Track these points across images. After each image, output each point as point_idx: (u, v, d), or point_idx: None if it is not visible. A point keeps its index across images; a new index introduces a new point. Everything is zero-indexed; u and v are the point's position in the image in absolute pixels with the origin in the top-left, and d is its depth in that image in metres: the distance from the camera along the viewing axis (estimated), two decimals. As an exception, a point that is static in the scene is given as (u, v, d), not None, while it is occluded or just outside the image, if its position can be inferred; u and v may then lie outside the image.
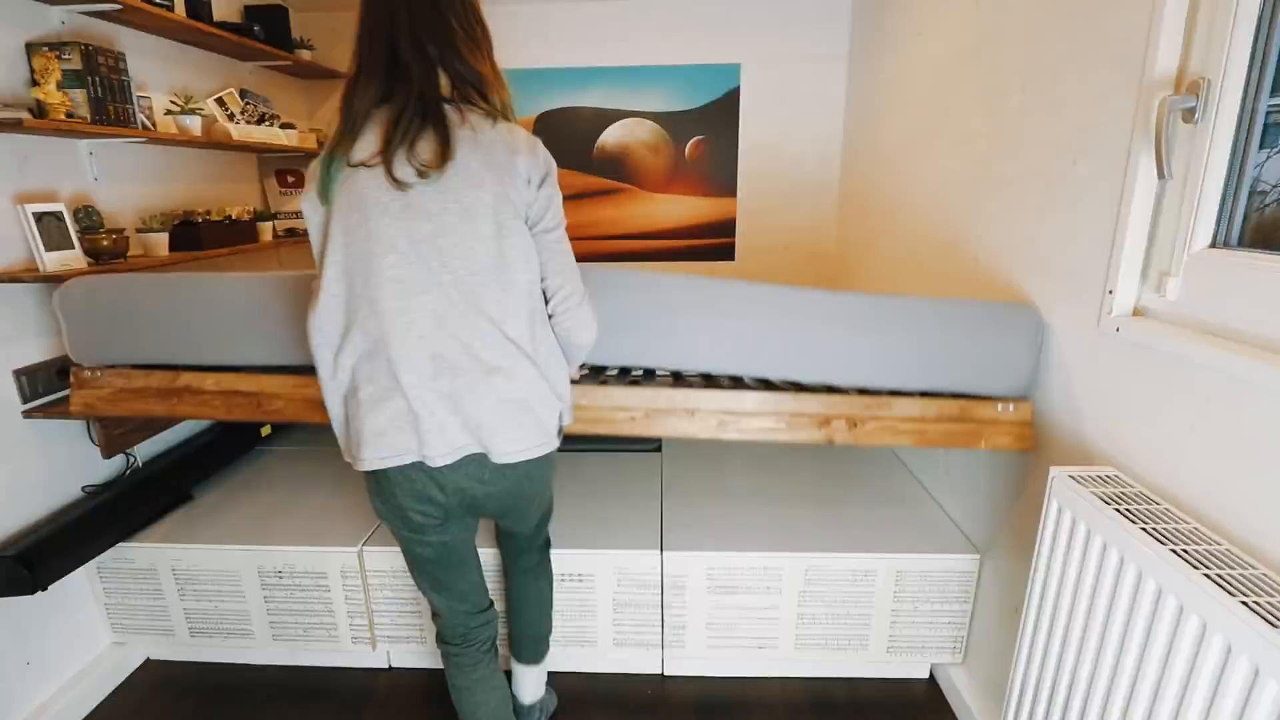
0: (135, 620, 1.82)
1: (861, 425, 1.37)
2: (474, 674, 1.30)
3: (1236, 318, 0.97)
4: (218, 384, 1.42)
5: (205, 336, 1.39)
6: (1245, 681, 0.75)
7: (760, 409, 1.38)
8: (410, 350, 1.01)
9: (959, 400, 1.37)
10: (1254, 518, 0.90)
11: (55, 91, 1.56)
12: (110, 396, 1.44)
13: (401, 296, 1.00)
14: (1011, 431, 1.38)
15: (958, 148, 1.76)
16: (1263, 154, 1.00)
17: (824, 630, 1.71)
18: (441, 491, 1.11)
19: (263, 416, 1.42)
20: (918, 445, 1.39)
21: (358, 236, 0.99)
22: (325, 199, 1.01)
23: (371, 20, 0.99)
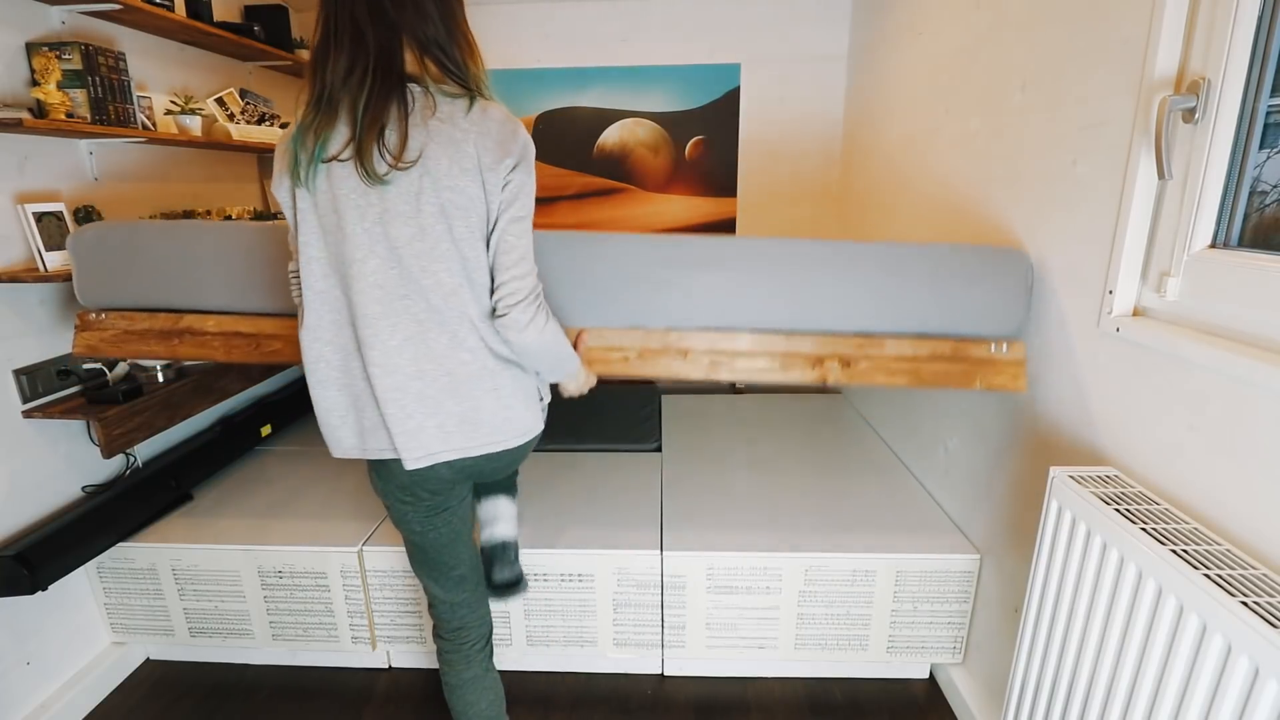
0: (135, 620, 1.82)
1: (854, 365, 1.37)
2: (466, 672, 1.30)
3: (1236, 318, 0.97)
4: (218, 325, 1.43)
5: (209, 280, 1.40)
6: (1245, 681, 0.75)
7: (753, 349, 1.38)
8: (390, 355, 1.01)
9: (951, 341, 1.37)
10: (1254, 518, 0.90)
11: (55, 91, 1.56)
12: (113, 338, 1.44)
13: (383, 301, 0.99)
14: (1006, 371, 1.37)
15: (958, 147, 1.76)
16: (1263, 154, 1.00)
17: (824, 630, 1.71)
18: (424, 483, 1.13)
19: (261, 358, 1.42)
20: (912, 386, 1.39)
21: (336, 239, 0.99)
22: (299, 180, 0.97)
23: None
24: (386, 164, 0.94)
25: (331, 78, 0.93)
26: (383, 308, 0.99)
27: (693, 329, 1.38)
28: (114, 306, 1.45)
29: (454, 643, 1.30)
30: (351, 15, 0.92)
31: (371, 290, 0.98)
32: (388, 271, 0.98)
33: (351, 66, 0.93)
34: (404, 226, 0.96)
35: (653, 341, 1.38)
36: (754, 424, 2.49)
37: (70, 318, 1.72)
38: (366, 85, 0.92)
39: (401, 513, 1.18)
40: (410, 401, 1.03)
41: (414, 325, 1.00)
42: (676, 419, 2.55)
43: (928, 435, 1.94)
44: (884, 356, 1.37)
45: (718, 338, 1.38)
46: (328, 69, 0.93)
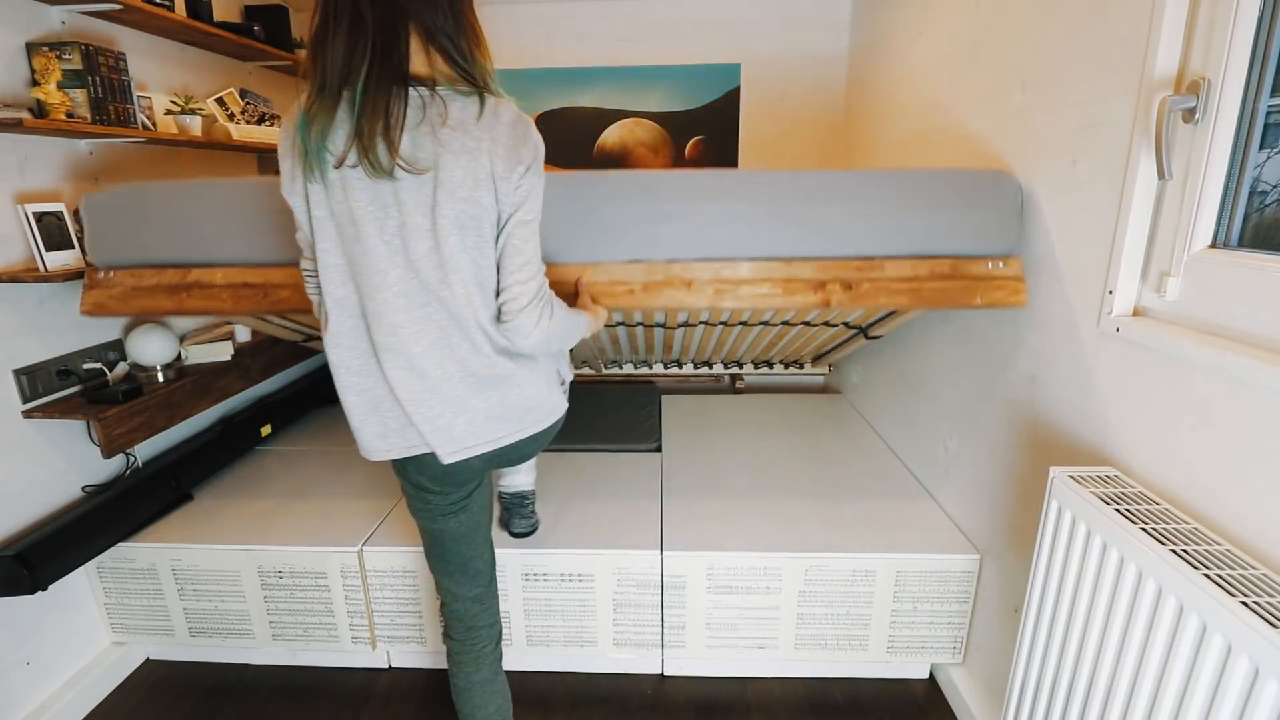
0: (135, 620, 1.82)
1: (856, 287, 1.40)
2: (475, 675, 1.30)
3: (1236, 318, 0.97)
4: (226, 277, 1.44)
5: (217, 234, 1.42)
6: (1245, 681, 0.75)
7: (755, 275, 1.40)
8: (416, 360, 1.02)
9: (950, 260, 1.41)
10: (1254, 517, 0.90)
11: (55, 91, 1.56)
12: (121, 295, 1.46)
13: (407, 309, 1.00)
14: (1005, 286, 1.40)
15: (958, 148, 1.76)
16: (1263, 154, 1.00)
17: (824, 630, 1.71)
18: (456, 474, 1.14)
19: (269, 307, 1.43)
20: (914, 306, 1.42)
21: (356, 250, 0.98)
22: (311, 175, 0.94)
23: None
24: (388, 158, 0.92)
25: (330, 64, 0.90)
26: (406, 315, 1.00)
27: (695, 260, 1.40)
28: (123, 264, 1.46)
29: (465, 644, 1.29)
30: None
31: (395, 299, 0.99)
32: (409, 281, 0.98)
33: (350, 52, 0.89)
34: (421, 240, 0.96)
35: (656, 274, 1.39)
36: (754, 424, 2.49)
37: (70, 317, 1.72)
38: (364, 72, 0.89)
39: (424, 501, 1.18)
40: (437, 402, 1.04)
41: (437, 331, 1.01)
42: (676, 419, 2.55)
43: (928, 435, 1.94)
44: (885, 278, 1.40)
45: (720, 266, 1.40)
46: (327, 55, 0.90)
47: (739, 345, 2.40)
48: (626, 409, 2.62)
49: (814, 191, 1.38)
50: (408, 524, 1.82)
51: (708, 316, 1.96)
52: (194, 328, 2.20)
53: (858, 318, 1.97)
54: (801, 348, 2.49)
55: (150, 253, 1.45)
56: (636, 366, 2.91)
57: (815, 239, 1.39)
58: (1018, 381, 1.47)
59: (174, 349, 1.90)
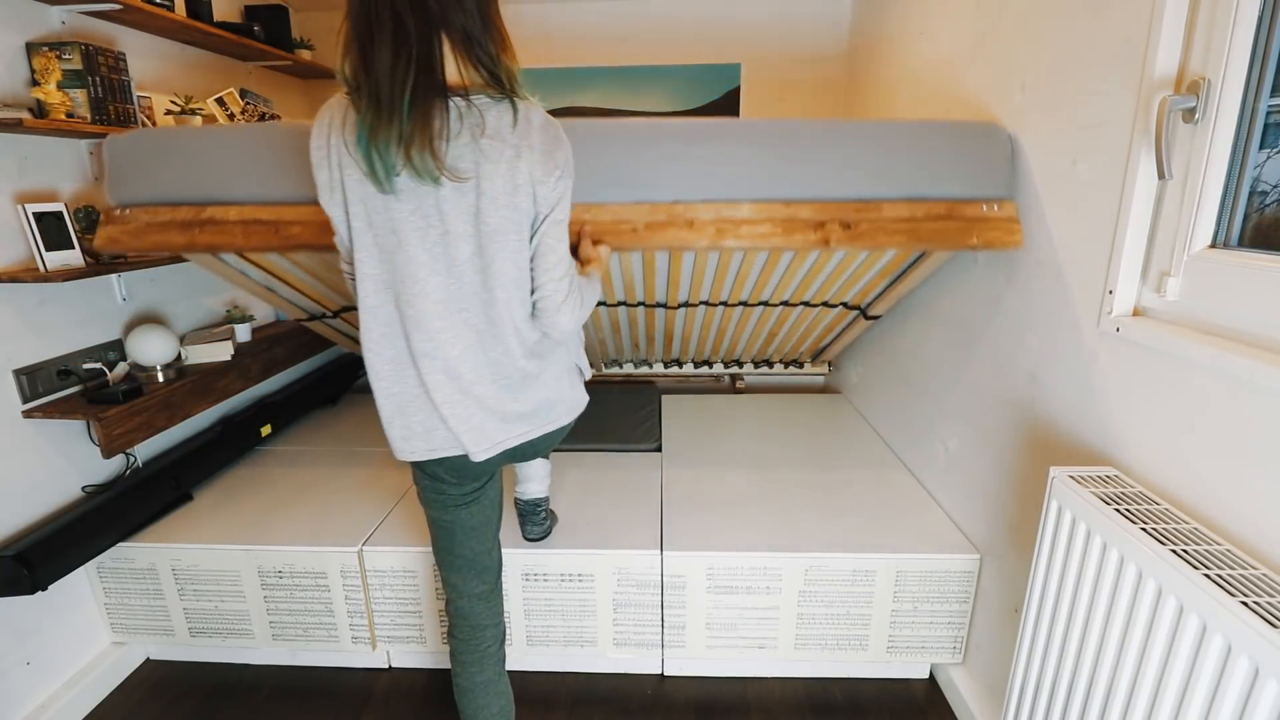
0: (135, 620, 1.82)
1: (855, 227, 1.42)
2: (480, 675, 1.30)
3: (1236, 318, 0.97)
4: (239, 215, 1.46)
5: (234, 174, 1.45)
6: (1245, 681, 0.75)
7: (756, 216, 1.43)
8: (451, 364, 1.05)
9: (945, 202, 1.44)
10: (1254, 518, 0.90)
11: (55, 91, 1.56)
12: (135, 230, 1.47)
13: (444, 315, 1.02)
14: (1000, 227, 1.43)
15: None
16: (1263, 154, 1.00)
17: (824, 630, 1.71)
18: (480, 466, 1.18)
19: (280, 242, 1.44)
20: (911, 245, 1.44)
21: (397, 258, 1.00)
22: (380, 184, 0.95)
23: None
24: (434, 168, 0.93)
25: (381, 74, 0.90)
26: (445, 321, 1.02)
27: (697, 200, 1.42)
28: (140, 203, 1.48)
29: (469, 643, 1.30)
30: (391, 3, 0.89)
31: (434, 306, 1.01)
32: (449, 288, 1.01)
33: (395, 59, 0.90)
34: (464, 246, 0.99)
35: (659, 214, 1.42)
36: (754, 424, 2.49)
37: (70, 317, 1.72)
38: (410, 81, 0.90)
39: (437, 492, 1.20)
40: (471, 403, 1.07)
41: (474, 335, 1.05)
42: (676, 419, 2.55)
43: (928, 435, 1.94)
44: (882, 218, 1.43)
45: (722, 207, 1.43)
46: (375, 65, 0.90)
47: (740, 333, 2.41)
48: (626, 409, 2.62)
49: (813, 137, 1.42)
50: (407, 524, 1.82)
51: (708, 295, 1.98)
52: (194, 328, 2.20)
53: (856, 295, 2.00)
54: (802, 340, 2.49)
55: (167, 193, 1.47)
56: (637, 366, 2.91)
57: (814, 182, 1.42)
58: (1018, 381, 1.47)
59: (174, 349, 1.90)
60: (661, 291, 1.99)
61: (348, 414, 2.70)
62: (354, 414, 2.70)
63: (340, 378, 2.85)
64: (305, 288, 1.92)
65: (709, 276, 1.82)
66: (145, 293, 2.00)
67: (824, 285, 1.92)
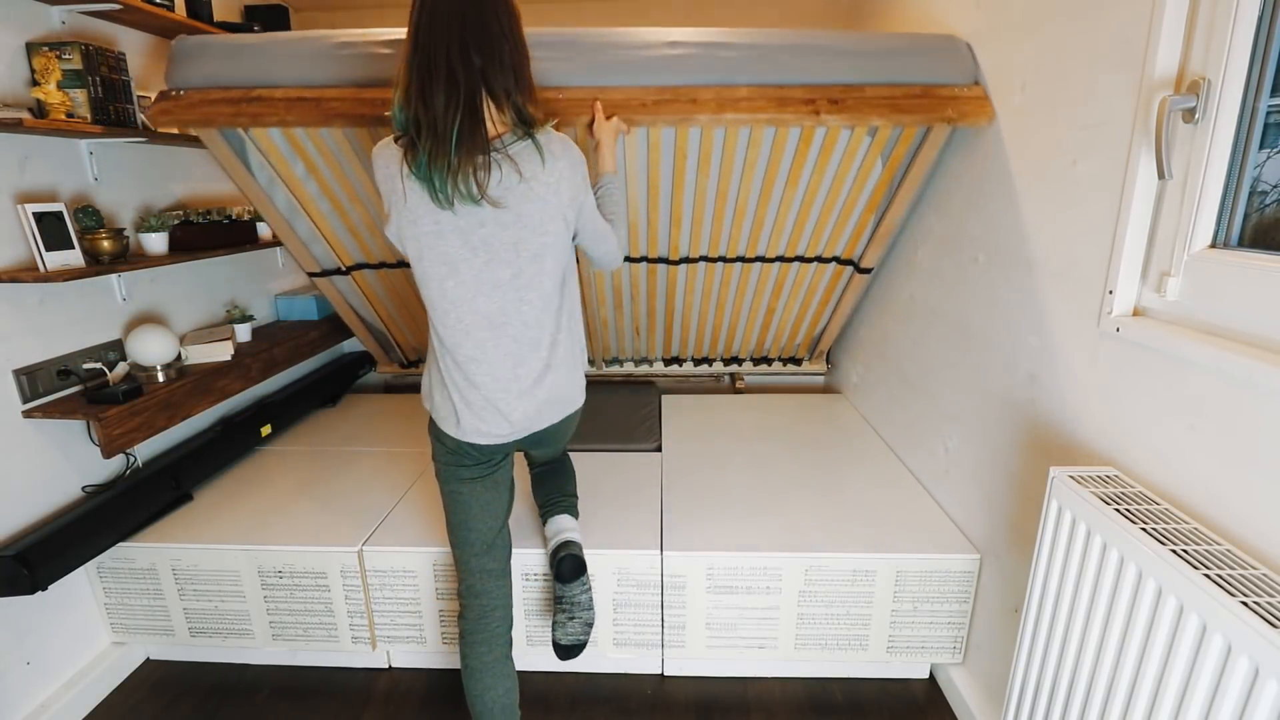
0: (135, 620, 1.82)
1: (842, 103, 1.60)
2: (488, 655, 1.36)
3: (1236, 318, 0.97)
4: (284, 94, 1.61)
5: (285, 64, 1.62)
6: (1245, 681, 0.75)
7: (752, 94, 1.61)
8: (494, 366, 1.23)
9: (921, 85, 1.63)
10: (1254, 518, 0.90)
11: (55, 91, 1.56)
12: (186, 105, 1.62)
13: (488, 328, 1.21)
14: (972, 104, 1.60)
15: (957, 147, 1.76)
16: (1263, 154, 1.00)
17: (824, 630, 1.71)
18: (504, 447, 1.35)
19: (321, 118, 1.59)
20: (892, 118, 1.62)
21: (448, 286, 1.18)
22: (442, 204, 1.11)
23: (430, 22, 1.07)
24: (478, 193, 1.10)
25: (438, 114, 1.06)
26: (488, 333, 1.21)
27: (700, 84, 1.61)
28: (195, 86, 1.64)
29: (479, 623, 1.37)
30: (447, 55, 1.06)
31: (480, 320, 1.20)
32: (492, 305, 1.19)
33: (448, 101, 1.06)
34: (504, 270, 1.17)
35: (665, 94, 1.60)
36: (754, 424, 2.49)
37: (70, 317, 1.73)
38: (458, 120, 1.07)
39: (457, 466, 1.34)
40: (512, 398, 1.26)
41: (512, 344, 1.23)
42: (676, 419, 2.55)
43: (928, 435, 1.94)
44: (866, 97, 1.62)
45: (722, 90, 1.61)
46: (433, 106, 1.06)
47: (739, 308, 2.48)
48: (626, 409, 2.62)
49: (802, 38, 1.64)
50: (407, 524, 1.82)
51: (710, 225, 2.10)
52: (194, 328, 2.21)
53: (847, 245, 2.16)
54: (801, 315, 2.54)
55: (221, 79, 1.64)
56: (637, 365, 2.91)
57: (805, 72, 1.62)
58: (1018, 381, 1.47)
59: (174, 349, 1.90)
60: (664, 247, 2.17)
61: (348, 414, 2.70)
62: (354, 414, 2.70)
63: (340, 378, 2.85)
64: (327, 228, 2.08)
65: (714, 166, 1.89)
66: (145, 293, 2.00)
67: (820, 218, 2.06)
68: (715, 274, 2.30)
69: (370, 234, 2.11)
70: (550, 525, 1.68)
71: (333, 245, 2.13)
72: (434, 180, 1.08)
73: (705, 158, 1.80)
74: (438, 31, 1.06)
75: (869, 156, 1.82)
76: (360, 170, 1.86)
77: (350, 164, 1.85)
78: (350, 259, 2.22)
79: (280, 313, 2.68)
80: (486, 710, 1.36)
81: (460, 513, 1.37)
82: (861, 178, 1.89)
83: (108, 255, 1.70)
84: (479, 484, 1.36)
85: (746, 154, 1.79)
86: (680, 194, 1.92)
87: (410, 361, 2.92)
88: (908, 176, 1.85)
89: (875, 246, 2.13)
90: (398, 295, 2.42)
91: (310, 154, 1.82)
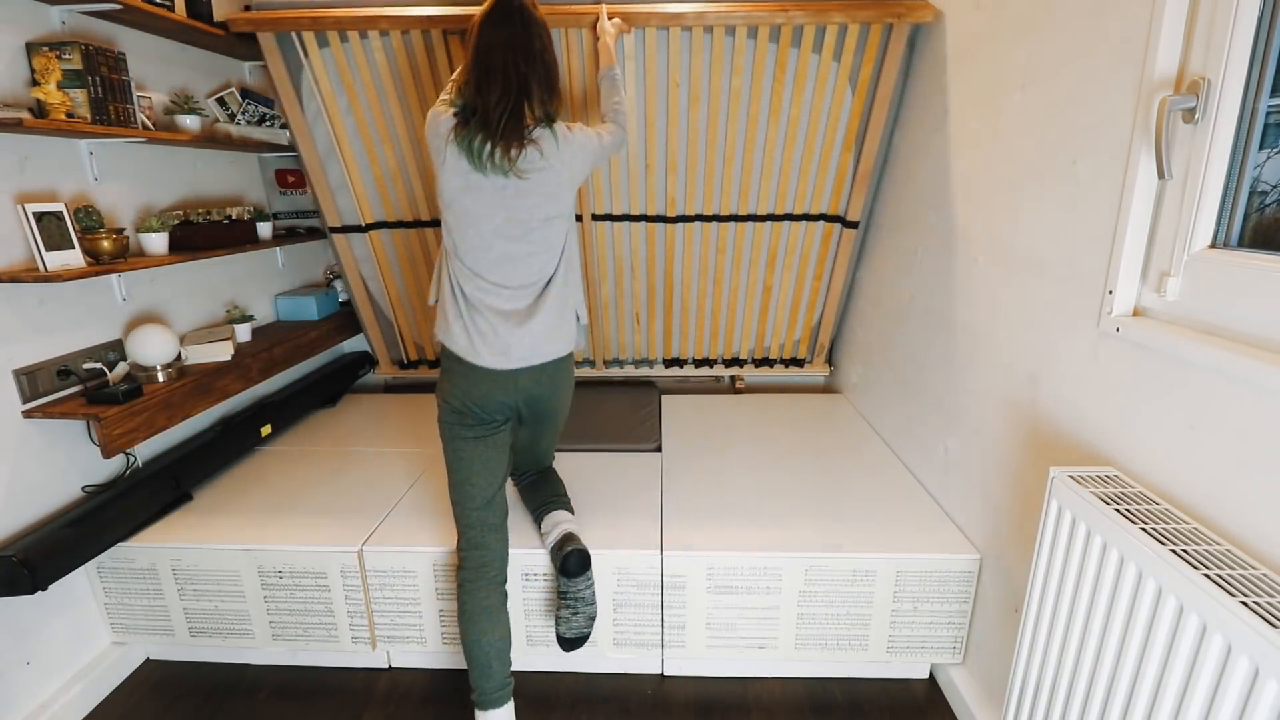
0: (135, 620, 1.82)
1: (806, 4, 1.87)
2: (486, 600, 1.50)
3: (1236, 318, 0.97)
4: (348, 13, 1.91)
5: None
6: (1245, 681, 0.75)
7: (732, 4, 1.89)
8: (499, 302, 1.46)
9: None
10: (1254, 518, 0.90)
11: (55, 91, 1.56)
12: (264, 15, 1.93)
13: (502, 274, 1.45)
14: (917, 7, 1.87)
15: (957, 148, 1.76)
16: (1263, 154, 1.00)
17: (824, 630, 1.71)
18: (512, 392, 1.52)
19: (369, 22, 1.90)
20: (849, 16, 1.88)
21: (470, 235, 1.43)
22: (479, 167, 1.38)
23: (491, 39, 1.37)
24: (508, 165, 1.38)
25: (489, 103, 1.36)
26: (498, 275, 1.45)
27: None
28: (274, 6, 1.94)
29: (478, 571, 1.51)
30: (503, 63, 1.36)
31: (493, 262, 1.44)
32: (505, 251, 1.44)
33: (500, 98, 1.36)
34: (517, 227, 1.43)
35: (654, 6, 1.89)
36: (754, 424, 2.49)
37: (70, 317, 1.73)
38: (505, 112, 1.36)
39: (460, 425, 1.52)
40: (523, 334, 1.47)
41: (519, 286, 1.47)
42: (676, 419, 2.56)
43: (928, 435, 1.94)
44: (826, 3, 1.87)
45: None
46: (489, 98, 1.36)
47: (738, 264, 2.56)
48: (626, 409, 2.62)
49: None
50: (407, 524, 1.82)
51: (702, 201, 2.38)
52: (194, 328, 2.20)
53: (830, 200, 2.37)
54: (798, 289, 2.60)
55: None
56: (637, 366, 2.91)
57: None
58: (1017, 381, 1.47)
59: (174, 349, 1.90)
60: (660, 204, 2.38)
61: (348, 414, 2.70)
62: (354, 414, 2.70)
63: (340, 378, 2.85)
64: (355, 174, 2.31)
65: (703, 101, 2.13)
66: (145, 293, 2.00)
67: (804, 160, 2.26)
68: (710, 236, 2.47)
69: (393, 184, 2.36)
70: (546, 521, 1.71)
71: (357, 196, 2.36)
72: (479, 153, 1.36)
73: (695, 94, 2.08)
74: (496, 46, 1.36)
75: (839, 83, 2.08)
76: (398, 111, 2.16)
77: (389, 102, 2.14)
78: (371, 215, 2.44)
79: (280, 313, 2.68)
80: (483, 654, 1.46)
81: (463, 470, 1.52)
82: (835, 107, 2.13)
83: (108, 255, 1.70)
84: (480, 444, 1.52)
85: (731, 83, 2.07)
86: (674, 131, 2.17)
87: (410, 361, 2.93)
88: (875, 103, 2.10)
89: (857, 194, 2.32)
90: (408, 263, 2.58)
91: (356, 88, 2.11)
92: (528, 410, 1.58)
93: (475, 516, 1.53)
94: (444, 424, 1.54)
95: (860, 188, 2.29)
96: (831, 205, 2.38)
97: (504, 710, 1.48)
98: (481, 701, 1.47)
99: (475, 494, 1.52)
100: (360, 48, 2.01)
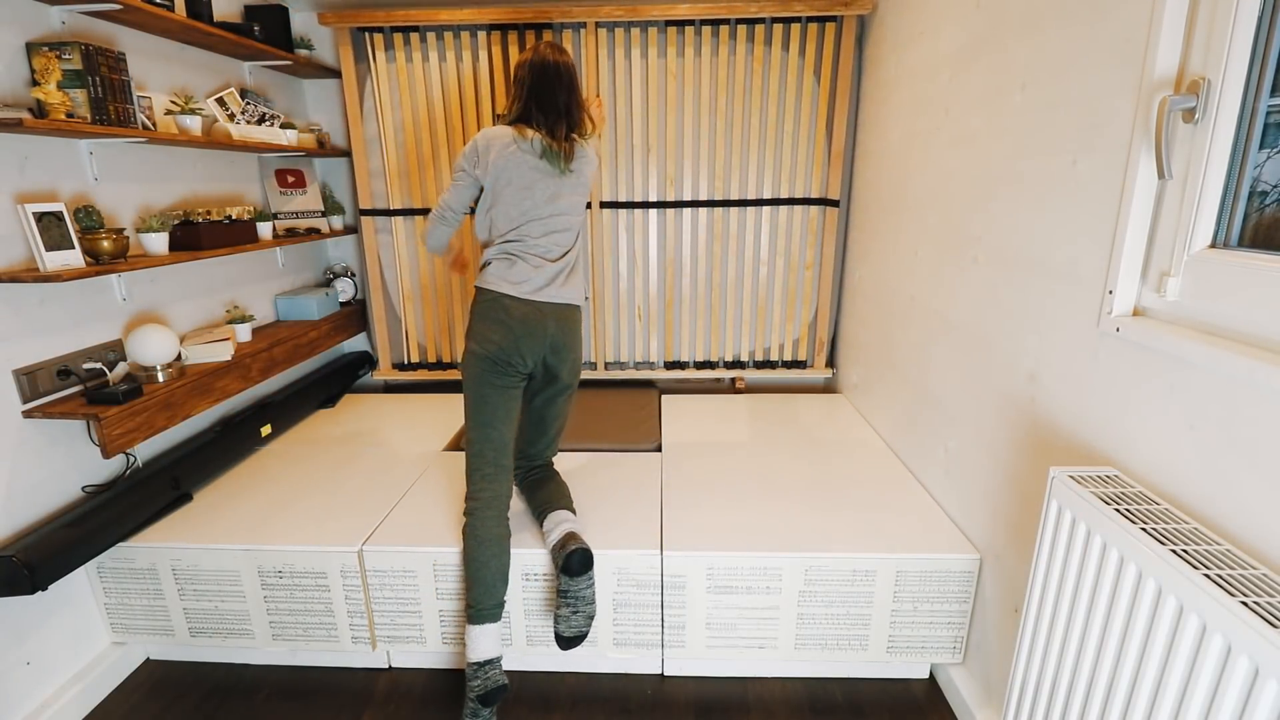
0: (135, 620, 1.82)
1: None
2: (496, 529, 1.62)
3: (1236, 318, 0.97)
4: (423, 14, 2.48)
5: None
6: (1245, 681, 0.75)
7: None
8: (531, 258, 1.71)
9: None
10: (1254, 518, 0.90)
11: (55, 91, 1.56)
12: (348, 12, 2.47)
13: (540, 237, 1.73)
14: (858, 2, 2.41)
15: (958, 147, 1.76)
16: (1263, 154, 1.00)
17: (824, 630, 1.71)
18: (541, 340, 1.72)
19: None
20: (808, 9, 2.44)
21: (524, 203, 1.70)
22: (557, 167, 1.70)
23: (542, 79, 1.69)
24: (566, 165, 1.71)
25: (549, 122, 1.69)
26: (535, 240, 1.72)
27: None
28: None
29: (489, 503, 1.64)
30: (553, 93, 1.69)
31: (536, 228, 1.72)
32: (545, 222, 1.73)
33: (556, 120, 1.70)
34: (558, 204, 1.74)
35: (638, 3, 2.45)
36: (754, 424, 2.49)
37: (70, 317, 1.72)
38: (562, 128, 1.70)
39: (493, 374, 1.69)
40: (541, 275, 1.72)
41: (547, 251, 1.74)
42: (676, 419, 2.55)
43: (928, 435, 1.94)
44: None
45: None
46: (548, 118, 1.69)
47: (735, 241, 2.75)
48: (626, 409, 2.62)
49: None
50: (407, 524, 1.82)
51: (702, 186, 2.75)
52: (194, 328, 2.20)
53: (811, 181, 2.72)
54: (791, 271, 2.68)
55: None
56: (638, 368, 2.91)
57: None
58: (1017, 381, 1.47)
59: (174, 349, 1.90)
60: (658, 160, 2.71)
61: (347, 414, 2.70)
62: (353, 414, 2.70)
63: (340, 378, 2.85)
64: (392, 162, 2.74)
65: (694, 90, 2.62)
66: (145, 293, 2.00)
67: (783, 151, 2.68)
68: (703, 220, 2.76)
69: (422, 173, 2.77)
70: (549, 520, 1.73)
71: (389, 181, 2.77)
72: (547, 155, 1.69)
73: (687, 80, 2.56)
74: (545, 82, 1.69)
75: (805, 74, 2.61)
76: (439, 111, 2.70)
77: (435, 104, 2.68)
78: (399, 201, 2.80)
79: (280, 313, 2.68)
80: (491, 575, 1.59)
81: (488, 414, 1.69)
82: (805, 95, 2.63)
83: (108, 255, 1.70)
84: (505, 393, 1.70)
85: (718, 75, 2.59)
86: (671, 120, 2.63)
87: (410, 363, 2.93)
88: (837, 89, 2.61)
89: (834, 174, 2.69)
90: (424, 255, 2.87)
91: (412, 93, 2.66)
92: (553, 358, 1.75)
93: (493, 456, 1.68)
94: (472, 373, 1.70)
95: (836, 167, 2.69)
96: (814, 187, 2.74)
97: (497, 626, 1.61)
98: (479, 616, 1.58)
99: (495, 436, 1.68)
100: (419, 53, 2.61)
